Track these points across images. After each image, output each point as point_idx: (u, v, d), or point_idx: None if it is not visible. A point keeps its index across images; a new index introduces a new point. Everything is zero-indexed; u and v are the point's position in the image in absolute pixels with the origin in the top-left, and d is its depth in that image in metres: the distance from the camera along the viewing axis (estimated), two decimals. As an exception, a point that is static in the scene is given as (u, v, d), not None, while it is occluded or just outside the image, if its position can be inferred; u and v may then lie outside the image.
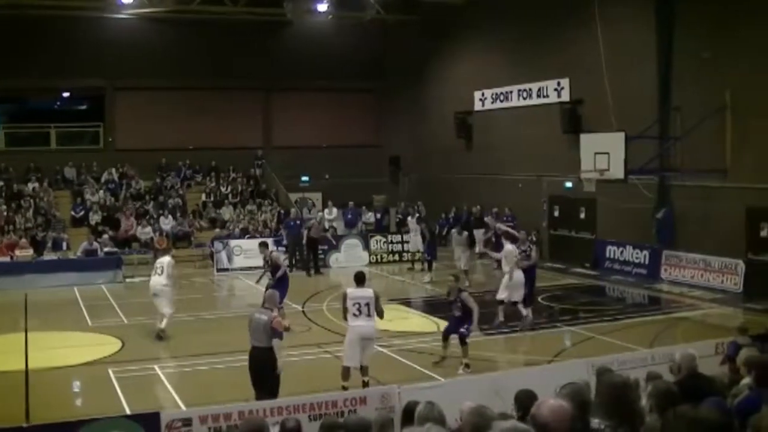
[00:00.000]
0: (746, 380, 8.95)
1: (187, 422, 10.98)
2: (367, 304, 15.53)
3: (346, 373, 15.47)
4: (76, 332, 21.94)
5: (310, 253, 32.32)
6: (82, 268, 30.13)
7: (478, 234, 35.26)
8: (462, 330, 17.47)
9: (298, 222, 33.96)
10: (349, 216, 38.01)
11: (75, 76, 39.86)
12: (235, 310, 25.03)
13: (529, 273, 22.08)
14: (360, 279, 15.94)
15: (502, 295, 21.52)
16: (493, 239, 31.03)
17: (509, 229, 25.75)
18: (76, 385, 17.50)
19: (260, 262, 24.12)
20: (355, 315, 15.52)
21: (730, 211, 26.22)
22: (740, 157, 25.88)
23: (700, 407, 4.97)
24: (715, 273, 26.62)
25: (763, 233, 25.35)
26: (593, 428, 5.67)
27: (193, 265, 33.54)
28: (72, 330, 22.25)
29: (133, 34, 40.55)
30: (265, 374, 13.93)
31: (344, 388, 14.68)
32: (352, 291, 15.67)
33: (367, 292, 15.75)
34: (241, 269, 31.54)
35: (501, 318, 21.59)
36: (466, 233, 30.13)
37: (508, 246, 22.45)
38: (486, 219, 32.41)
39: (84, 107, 44.57)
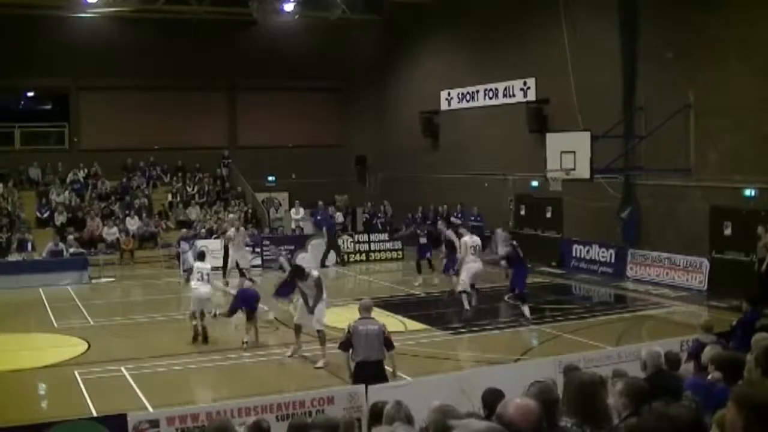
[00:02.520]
0: (712, 375, 9.02)
1: (154, 424, 10.94)
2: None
3: None
4: (41, 334, 21.76)
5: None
6: (47, 269, 29.89)
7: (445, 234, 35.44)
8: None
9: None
10: (319, 216, 37.91)
11: (39, 76, 39.53)
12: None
13: (521, 269, 23.16)
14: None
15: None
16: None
17: (453, 238, 25.99)
18: (41, 388, 17.35)
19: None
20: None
21: (694, 210, 26.47)
22: (704, 156, 26.11)
23: (672, 405, 5.01)
24: (680, 271, 26.82)
25: (726, 231, 25.58)
26: (561, 426, 5.70)
27: (159, 266, 33.39)
28: (37, 332, 22.07)
29: (98, 34, 40.24)
30: None
31: None
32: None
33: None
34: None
35: (467, 306, 22.93)
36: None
37: (464, 238, 23.72)
38: (439, 225, 31.69)
39: (48, 107, 44.21)
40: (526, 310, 22.30)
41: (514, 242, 23.51)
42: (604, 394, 6.29)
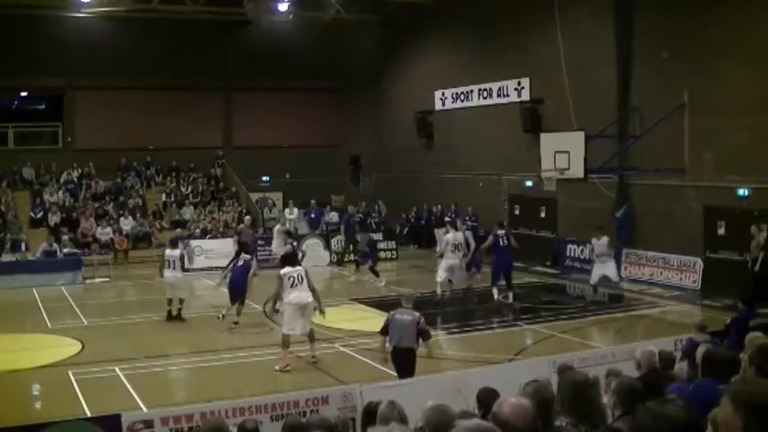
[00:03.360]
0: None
1: (148, 424, 10.92)
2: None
3: None
4: (35, 334, 21.71)
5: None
6: (41, 269, 29.83)
7: (439, 233, 35.57)
8: None
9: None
10: (312, 216, 37.92)
11: (33, 76, 39.44)
12: (196, 310, 24.91)
13: (500, 257, 24.66)
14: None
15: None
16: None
17: (470, 239, 27.48)
18: (36, 388, 17.29)
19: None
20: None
21: (688, 210, 26.51)
22: (698, 156, 26.14)
23: (668, 404, 5.01)
24: (674, 271, 26.87)
25: (720, 231, 25.62)
26: (556, 426, 5.70)
27: (153, 266, 33.28)
28: (31, 332, 22.04)
29: (93, 34, 40.23)
30: (407, 376, 13.73)
31: None
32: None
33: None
34: (202, 270, 31.37)
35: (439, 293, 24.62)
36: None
37: (448, 235, 25.20)
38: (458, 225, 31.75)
39: (42, 107, 44.12)
40: (494, 292, 24.33)
41: (499, 232, 24.10)
42: (598, 394, 6.30)
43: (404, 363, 14.08)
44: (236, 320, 21.59)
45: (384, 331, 14.44)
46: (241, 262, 23.01)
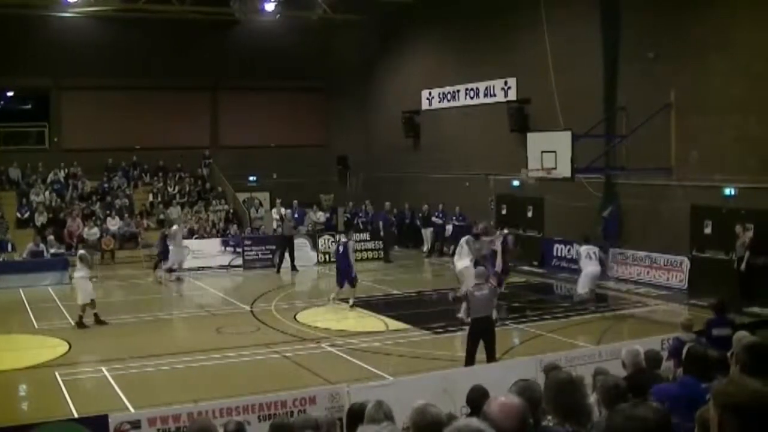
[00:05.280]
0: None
1: (135, 425, 10.92)
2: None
3: None
4: (21, 335, 21.66)
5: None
6: (28, 269, 29.75)
7: (426, 233, 35.76)
8: None
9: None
10: (296, 216, 37.83)
11: (19, 76, 39.22)
12: (183, 310, 24.89)
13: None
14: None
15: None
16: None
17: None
18: (22, 389, 17.29)
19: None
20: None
21: (675, 209, 26.58)
22: (685, 156, 26.22)
23: (640, 405, 5.04)
24: (661, 270, 26.95)
25: (707, 230, 25.69)
26: (542, 425, 5.72)
27: (140, 266, 33.26)
28: (17, 333, 21.98)
29: (79, 33, 40.08)
30: (487, 338, 15.97)
31: None
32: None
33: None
34: (189, 269, 31.35)
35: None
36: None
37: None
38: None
39: (29, 107, 43.85)
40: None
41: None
42: (584, 393, 6.32)
43: (486, 330, 16.04)
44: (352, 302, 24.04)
45: (461, 300, 18.22)
46: (341, 249, 24.90)
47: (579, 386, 6.16)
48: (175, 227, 30.84)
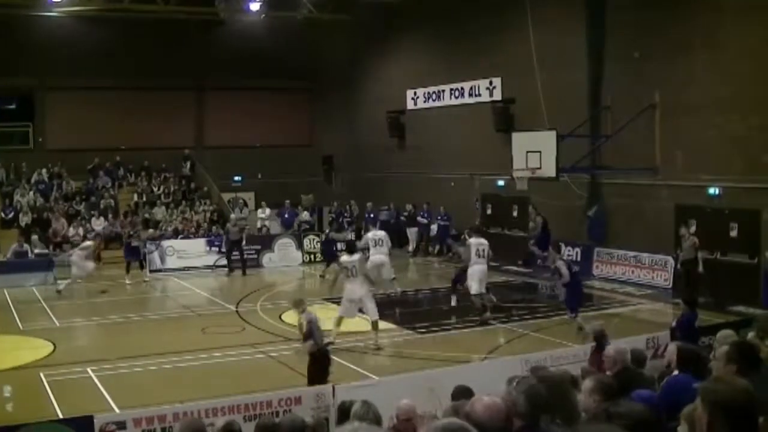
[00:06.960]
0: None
1: (121, 425, 10.89)
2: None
3: None
4: (6, 335, 21.51)
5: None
6: (12, 270, 29.60)
7: (411, 232, 35.78)
8: None
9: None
10: (286, 215, 37.75)
11: (3, 75, 38.93)
12: (168, 311, 24.83)
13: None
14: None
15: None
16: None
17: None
18: (7, 390, 17.19)
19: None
20: None
21: (660, 209, 26.67)
22: (670, 155, 26.30)
23: (625, 403, 5.06)
24: (646, 269, 27.03)
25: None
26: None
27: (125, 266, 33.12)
28: (2, 333, 21.83)
29: (64, 33, 39.92)
30: None
31: None
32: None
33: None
34: (174, 270, 31.28)
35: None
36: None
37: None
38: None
39: (13, 107, 43.56)
40: (453, 298, 24.52)
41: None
42: (572, 392, 6.33)
43: None
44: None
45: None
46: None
47: (568, 385, 6.18)
48: (89, 242, 30.18)
